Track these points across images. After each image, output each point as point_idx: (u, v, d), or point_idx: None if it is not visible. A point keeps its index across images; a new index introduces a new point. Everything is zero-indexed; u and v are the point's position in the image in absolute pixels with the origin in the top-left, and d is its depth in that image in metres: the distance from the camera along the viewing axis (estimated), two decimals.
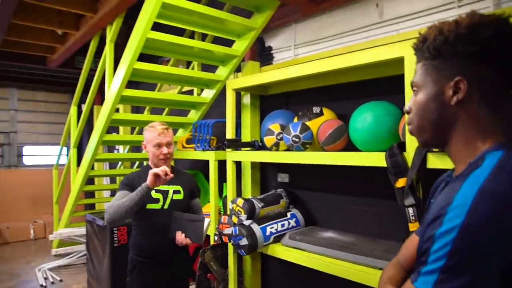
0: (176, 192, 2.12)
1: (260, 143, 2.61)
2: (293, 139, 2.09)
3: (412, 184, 1.54)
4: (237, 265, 2.52)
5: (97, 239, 3.28)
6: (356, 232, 2.17)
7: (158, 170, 1.86)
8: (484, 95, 0.77)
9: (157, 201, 2.05)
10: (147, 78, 2.97)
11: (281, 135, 2.26)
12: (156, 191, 2.02)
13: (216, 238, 2.56)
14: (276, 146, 2.32)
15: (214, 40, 3.22)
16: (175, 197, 2.11)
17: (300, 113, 2.32)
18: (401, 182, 1.58)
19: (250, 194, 2.70)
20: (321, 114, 2.22)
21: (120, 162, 5.04)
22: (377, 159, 1.69)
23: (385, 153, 1.65)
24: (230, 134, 2.61)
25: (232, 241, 2.24)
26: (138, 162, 4.60)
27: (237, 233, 2.17)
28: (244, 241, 2.14)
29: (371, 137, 1.84)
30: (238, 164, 2.72)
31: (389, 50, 1.69)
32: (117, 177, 4.86)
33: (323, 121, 2.12)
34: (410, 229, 1.50)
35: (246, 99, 2.76)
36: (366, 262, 1.76)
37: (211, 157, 2.71)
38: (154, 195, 2.03)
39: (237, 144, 2.57)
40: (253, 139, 2.66)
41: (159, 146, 2.05)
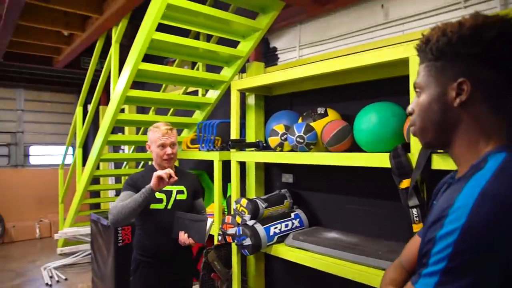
0: (180, 192, 2.12)
1: (264, 144, 2.61)
2: (297, 139, 2.09)
3: (417, 185, 1.54)
4: (240, 265, 2.52)
5: (102, 238, 3.30)
6: (360, 232, 2.16)
7: (162, 173, 1.86)
8: (487, 97, 0.77)
9: (160, 201, 2.06)
10: (152, 78, 2.98)
11: (285, 135, 2.26)
12: (159, 191, 2.02)
13: (220, 238, 2.57)
14: (280, 147, 2.32)
15: (219, 41, 3.23)
16: (178, 197, 2.11)
17: (305, 113, 2.31)
18: (405, 183, 1.57)
19: (254, 194, 2.70)
20: (325, 114, 2.22)
21: (125, 162, 5.06)
22: (381, 160, 1.69)
23: (389, 154, 1.64)
24: (234, 135, 2.62)
25: (235, 241, 2.24)
26: (143, 162, 4.62)
27: (241, 233, 2.18)
28: (247, 241, 2.14)
29: (375, 138, 1.83)
30: (243, 164, 2.73)
31: (394, 51, 1.68)
32: (122, 177, 4.89)
33: (328, 122, 2.11)
34: (414, 230, 1.50)
35: (251, 100, 2.76)
36: (370, 263, 1.76)
37: (215, 157, 2.71)
38: (158, 195, 2.04)
39: (241, 144, 2.57)
40: (258, 140, 2.66)
41: (163, 146, 2.06)
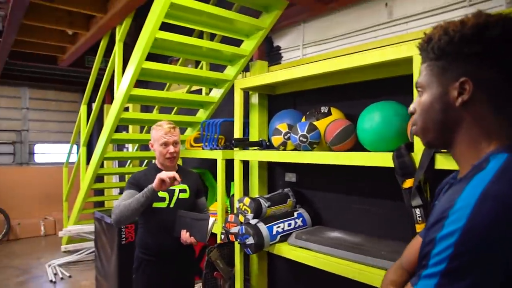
0: (182, 191, 2.13)
1: (267, 143, 2.61)
2: (301, 138, 2.09)
3: (420, 185, 1.53)
4: (243, 263, 2.52)
5: (105, 236, 3.31)
6: (363, 232, 2.16)
7: (165, 177, 1.85)
8: (490, 97, 0.76)
9: (163, 199, 2.06)
10: (156, 77, 2.99)
11: (288, 134, 2.25)
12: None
13: (223, 236, 2.57)
14: (283, 146, 2.31)
15: (222, 39, 3.23)
16: (181, 196, 2.12)
17: (308, 112, 2.31)
18: (408, 183, 1.57)
19: (258, 193, 2.70)
20: (329, 114, 2.21)
21: (129, 160, 5.08)
22: (385, 160, 1.68)
23: (392, 153, 1.64)
24: (238, 134, 2.62)
25: (238, 240, 2.24)
26: (147, 161, 4.63)
27: (244, 232, 2.18)
28: (250, 240, 2.14)
29: (379, 137, 1.82)
30: (246, 163, 2.73)
31: (397, 50, 1.67)
32: (126, 175, 4.90)
33: (331, 121, 2.11)
34: (417, 230, 1.49)
35: (254, 99, 2.76)
36: (373, 263, 1.76)
37: (218, 156, 2.71)
38: (161, 194, 2.04)
39: (244, 143, 2.57)
40: (261, 139, 2.66)
41: (165, 145, 2.06)
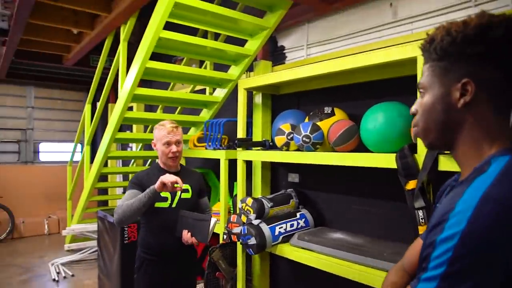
0: (184, 191, 2.12)
1: (271, 143, 2.60)
2: (304, 139, 2.08)
3: (423, 186, 1.52)
4: (245, 264, 2.51)
5: (108, 235, 3.32)
6: (365, 233, 2.15)
7: (166, 181, 1.85)
8: (492, 98, 0.75)
9: (165, 199, 2.06)
10: (159, 77, 2.99)
11: (291, 135, 2.24)
12: None
13: (225, 237, 2.57)
14: (286, 146, 2.31)
15: (226, 39, 3.23)
16: (183, 196, 2.12)
17: (312, 113, 2.30)
18: (411, 184, 1.55)
19: (260, 193, 2.69)
20: (332, 114, 2.20)
21: (132, 159, 5.10)
22: (388, 161, 1.67)
23: (395, 154, 1.62)
24: (241, 134, 2.61)
25: (240, 240, 2.23)
26: (150, 160, 4.65)
27: (246, 232, 2.17)
28: (252, 241, 2.13)
29: (382, 138, 1.81)
30: (249, 163, 2.72)
31: (401, 50, 1.66)
32: (130, 174, 4.91)
33: (334, 121, 2.10)
34: (420, 232, 1.48)
35: (258, 99, 2.76)
36: (375, 264, 1.74)
37: (222, 156, 2.71)
38: (163, 193, 2.03)
39: (248, 143, 2.56)
40: (264, 139, 2.65)
41: (168, 144, 2.06)
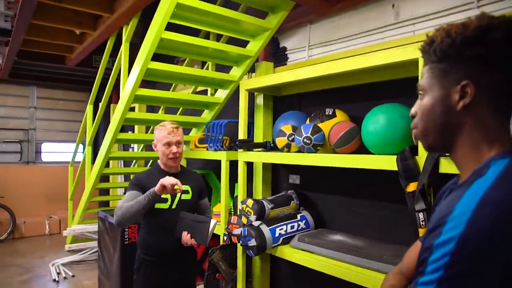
0: (185, 192, 2.11)
1: (272, 144, 2.59)
2: (305, 140, 2.07)
3: (423, 188, 1.51)
4: (246, 266, 2.51)
5: (108, 236, 3.32)
6: (365, 235, 2.14)
7: (166, 183, 1.85)
8: (492, 100, 0.74)
9: (165, 200, 2.05)
10: (161, 77, 2.99)
11: (292, 136, 2.24)
12: None
13: (226, 238, 2.56)
14: (287, 147, 2.30)
15: (228, 40, 3.23)
16: (183, 197, 2.11)
17: (313, 114, 2.29)
18: (412, 187, 1.54)
19: (261, 195, 2.68)
20: (333, 115, 2.19)
21: (134, 160, 5.10)
22: (388, 163, 1.66)
23: (396, 156, 1.62)
24: (242, 135, 2.61)
25: (241, 242, 2.23)
26: (151, 161, 4.65)
27: (246, 233, 2.17)
28: (252, 242, 2.13)
29: (383, 140, 1.80)
30: (250, 164, 2.71)
31: (403, 52, 1.66)
32: (131, 175, 4.91)
33: (335, 123, 2.09)
34: (420, 234, 1.47)
35: (259, 100, 2.75)
36: (374, 267, 1.73)
37: (223, 157, 2.71)
38: (163, 195, 2.03)
39: (249, 144, 2.56)
40: (265, 140, 2.65)
41: (168, 145, 2.06)
